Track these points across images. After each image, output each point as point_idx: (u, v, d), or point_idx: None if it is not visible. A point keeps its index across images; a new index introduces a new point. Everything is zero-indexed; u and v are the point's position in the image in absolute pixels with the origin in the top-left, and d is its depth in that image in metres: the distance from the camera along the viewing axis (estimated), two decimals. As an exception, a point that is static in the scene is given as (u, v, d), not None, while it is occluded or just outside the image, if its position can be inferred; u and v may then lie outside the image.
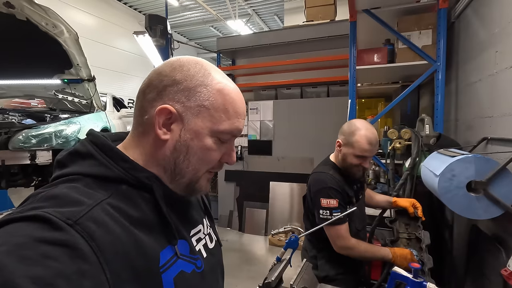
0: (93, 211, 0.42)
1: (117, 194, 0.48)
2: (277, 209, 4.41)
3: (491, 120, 1.47)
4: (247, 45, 4.65)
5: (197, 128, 0.52)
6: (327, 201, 1.36)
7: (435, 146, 1.78)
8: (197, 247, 0.60)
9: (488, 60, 1.51)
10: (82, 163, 0.49)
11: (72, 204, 0.41)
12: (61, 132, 2.60)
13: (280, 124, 4.44)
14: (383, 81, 3.13)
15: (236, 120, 0.55)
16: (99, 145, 0.51)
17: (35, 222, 0.38)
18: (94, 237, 0.40)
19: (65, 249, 0.36)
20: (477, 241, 1.45)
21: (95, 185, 0.47)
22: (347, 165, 1.42)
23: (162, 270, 0.48)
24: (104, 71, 9.20)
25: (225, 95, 0.54)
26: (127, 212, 0.47)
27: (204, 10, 9.85)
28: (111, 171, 0.49)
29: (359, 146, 1.34)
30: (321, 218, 1.40)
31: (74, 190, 0.44)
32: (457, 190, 1.22)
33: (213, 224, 0.74)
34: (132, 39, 11.32)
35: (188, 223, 0.61)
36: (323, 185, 1.39)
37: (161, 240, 0.50)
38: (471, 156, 1.21)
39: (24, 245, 0.35)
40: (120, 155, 0.51)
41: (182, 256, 0.54)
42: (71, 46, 2.98)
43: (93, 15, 9.32)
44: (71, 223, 0.39)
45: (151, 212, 0.51)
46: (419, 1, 2.36)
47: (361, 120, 1.45)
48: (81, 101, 3.61)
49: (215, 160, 0.56)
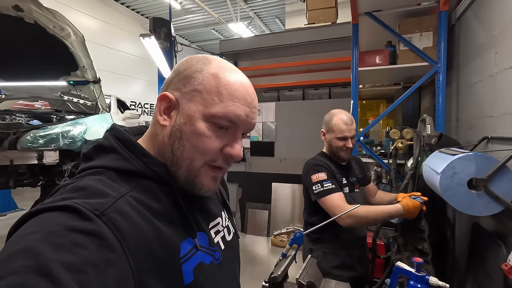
0: (118, 203, 0.44)
1: (139, 188, 0.50)
2: (279, 210, 4.44)
3: (491, 120, 1.50)
4: (250, 47, 4.70)
5: (190, 111, 0.52)
6: (316, 176, 1.46)
7: (436, 145, 1.81)
8: (215, 239, 0.61)
9: (488, 61, 1.55)
10: (106, 156, 0.52)
11: (99, 196, 0.43)
12: (68, 133, 2.65)
13: (282, 125, 4.47)
14: (384, 83, 3.17)
15: (231, 103, 0.52)
16: (122, 139, 0.53)
17: (66, 211, 0.39)
18: (119, 227, 0.41)
19: (93, 238, 0.38)
20: (478, 238, 1.47)
21: (118, 178, 0.49)
22: (334, 150, 1.54)
23: (182, 261, 0.49)
24: (107, 74, 9.28)
25: (220, 78, 0.53)
26: (149, 205, 0.49)
27: (206, 13, 9.93)
28: (132, 165, 0.51)
29: (338, 128, 1.49)
30: (315, 193, 1.45)
31: (99, 183, 0.46)
32: (458, 187, 1.25)
33: (231, 216, 0.74)
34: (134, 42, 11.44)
35: (207, 216, 0.62)
36: (310, 165, 1.52)
37: (181, 232, 0.52)
38: (471, 154, 1.24)
39: (57, 233, 0.37)
40: (140, 150, 0.53)
41: (202, 248, 0.55)
42: (78, 48, 3.03)
43: (97, 19, 9.43)
44: (98, 214, 0.40)
45: (171, 205, 0.52)
46: (420, 4, 2.41)
47: (337, 109, 1.59)
48: (86, 102, 3.66)
49: (211, 149, 0.52)
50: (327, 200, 1.41)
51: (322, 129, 1.60)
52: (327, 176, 1.46)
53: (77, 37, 2.93)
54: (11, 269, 0.32)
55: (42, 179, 2.76)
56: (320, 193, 1.43)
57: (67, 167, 2.59)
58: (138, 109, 11.60)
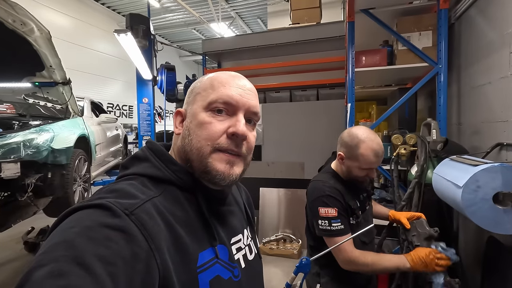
0: (145, 205, 0.48)
1: (166, 194, 0.53)
2: (267, 215, 4.26)
3: (506, 125, 1.39)
4: (233, 47, 4.52)
5: (193, 111, 0.58)
6: (325, 210, 1.26)
7: (442, 152, 1.69)
8: (236, 256, 0.61)
9: (499, 61, 1.44)
10: (139, 165, 0.57)
11: (129, 197, 0.47)
12: (31, 142, 2.32)
13: (270, 128, 4.32)
14: (377, 84, 3.07)
15: (222, 88, 0.57)
16: (154, 150, 0.59)
17: (100, 209, 0.43)
18: (146, 227, 0.44)
19: (122, 234, 0.41)
20: (497, 255, 1.35)
21: (149, 184, 0.54)
22: (352, 177, 1.31)
23: (199, 271, 0.50)
24: (81, 74, 8.76)
25: (213, 78, 0.60)
26: (173, 211, 0.52)
27: (187, 12, 9.62)
28: (162, 173, 0.56)
29: (365, 160, 1.23)
30: (320, 229, 1.27)
31: (131, 186, 0.51)
32: (483, 202, 1.12)
33: (255, 236, 0.74)
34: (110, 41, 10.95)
35: (229, 231, 0.63)
36: (321, 193, 1.28)
37: (202, 241, 0.54)
38: (497, 165, 1.11)
39: (92, 228, 0.40)
40: (169, 159, 0.58)
41: (220, 261, 0.55)
42: (43, 46, 2.71)
43: (69, 16, 8.87)
44: (128, 213, 0.44)
45: (194, 213, 0.55)
46: (411, 2, 2.31)
47: (361, 128, 1.31)
48: (55, 106, 3.31)
49: (214, 131, 0.55)
50: (333, 242, 1.24)
51: (340, 151, 1.32)
52: (338, 213, 1.25)
53: (42, 33, 2.60)
54: (52, 258, 0.36)
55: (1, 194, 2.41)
56: (326, 232, 1.26)
57: (30, 181, 2.25)
58: (116, 111, 11.07)
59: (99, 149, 3.97)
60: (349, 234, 1.25)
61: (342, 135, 1.34)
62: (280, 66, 4.31)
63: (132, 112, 11.93)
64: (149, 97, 4.01)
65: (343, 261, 1.24)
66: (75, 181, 2.87)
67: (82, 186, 3.11)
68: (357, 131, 1.28)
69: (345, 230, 1.24)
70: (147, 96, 3.99)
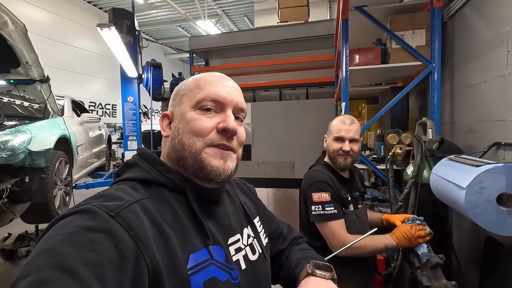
0: (132, 206, 0.48)
1: (155, 195, 0.53)
2: (257, 216, 4.21)
3: (503, 124, 1.38)
4: (222, 44, 4.41)
5: (180, 111, 0.59)
6: (319, 195, 1.30)
7: (438, 151, 1.67)
8: (235, 257, 0.59)
9: (496, 60, 1.43)
10: (130, 170, 0.58)
11: (115, 200, 0.48)
12: (6, 144, 2.15)
13: (259, 127, 4.25)
14: (371, 83, 3.06)
15: (209, 87, 0.58)
16: (143, 155, 0.59)
17: (84, 213, 0.43)
18: (132, 227, 0.44)
19: (108, 236, 0.41)
20: (495, 255, 1.34)
21: (139, 186, 0.54)
22: (331, 155, 1.39)
23: (190, 272, 0.49)
24: (60, 71, 8.40)
25: (198, 79, 0.61)
26: (162, 212, 0.51)
27: (172, 9, 9.40)
28: (150, 174, 0.56)
29: (335, 128, 1.36)
30: (314, 215, 1.29)
31: (119, 190, 0.51)
32: (487, 204, 1.09)
33: (258, 234, 0.71)
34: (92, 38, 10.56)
35: (225, 231, 0.61)
36: (313, 179, 1.34)
37: (194, 242, 0.52)
38: (501, 166, 1.08)
39: (75, 233, 0.40)
40: (156, 161, 0.58)
41: (216, 262, 0.53)
42: (18, 41, 2.53)
43: (47, 10, 8.49)
44: (113, 214, 0.44)
45: (184, 214, 0.54)
46: (402, 0, 2.30)
47: None
48: (33, 105, 3.11)
49: (204, 127, 0.56)
50: (327, 227, 1.27)
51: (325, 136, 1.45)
52: (331, 197, 1.28)
53: (17, 27, 2.43)
54: (35, 267, 0.36)
55: (-27, 201, 2.23)
56: (319, 217, 1.28)
57: (6, 186, 2.08)
58: (98, 110, 10.71)
59: (81, 150, 3.79)
60: (342, 219, 1.29)
61: None
62: (269, 64, 4.26)
63: (116, 111, 11.59)
64: (134, 95, 3.85)
65: (336, 246, 1.24)
66: (55, 185, 2.70)
67: (63, 190, 2.94)
68: None
69: (338, 214, 1.27)
70: (132, 94, 3.83)
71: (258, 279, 0.63)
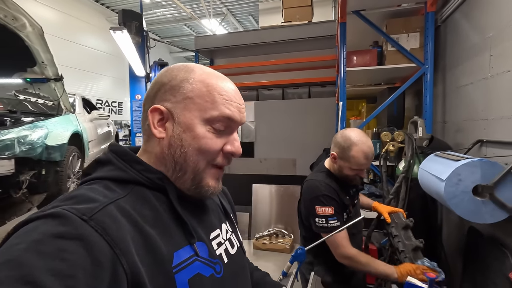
0: (107, 208, 0.44)
1: (133, 194, 0.50)
2: (260, 211, 4.32)
3: (486, 123, 1.49)
4: (226, 44, 4.53)
5: (187, 119, 0.53)
6: (322, 209, 1.34)
7: (428, 148, 1.79)
8: (217, 251, 0.59)
9: (481, 63, 1.54)
10: (102, 169, 0.53)
11: (88, 202, 0.43)
12: (25, 138, 2.31)
13: (262, 125, 4.37)
14: (367, 83, 3.16)
15: (224, 106, 0.55)
16: (117, 152, 0.55)
17: (52, 218, 0.39)
18: (108, 231, 0.41)
19: (80, 242, 0.38)
20: (475, 244, 1.46)
21: (113, 186, 0.50)
22: (343, 176, 1.41)
23: (175, 271, 0.48)
24: (68, 70, 8.59)
25: (209, 83, 0.55)
26: (141, 211, 0.48)
27: (178, 8, 9.53)
28: (126, 173, 0.52)
29: (356, 162, 1.32)
30: (317, 226, 1.37)
31: (91, 191, 0.47)
32: (464, 194, 1.21)
33: (235, 229, 0.73)
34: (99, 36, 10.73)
35: (206, 226, 0.60)
36: (318, 192, 1.37)
37: (177, 240, 0.51)
38: (477, 160, 1.20)
39: (41, 241, 0.36)
40: (134, 158, 0.54)
41: (200, 258, 0.53)
42: (35, 41, 2.69)
43: (56, 9, 8.68)
44: (86, 218, 0.40)
45: (166, 212, 0.52)
46: (400, 5, 2.40)
47: (354, 130, 1.40)
48: (47, 102, 3.28)
49: (213, 148, 0.54)
50: (333, 239, 1.32)
51: (333, 151, 1.41)
52: (334, 211, 1.34)
53: (34, 28, 2.58)
54: None
55: (-6, 191, 2.39)
56: (323, 229, 1.35)
57: (24, 178, 2.25)
58: (105, 108, 10.91)
59: (91, 146, 3.95)
60: (345, 231, 1.34)
61: (336, 136, 1.42)
62: (273, 64, 4.36)
63: (122, 109, 11.78)
64: (142, 94, 4.01)
65: (340, 255, 1.34)
66: (68, 178, 2.87)
67: (75, 183, 3.10)
68: (350, 134, 1.36)
69: (340, 226, 1.32)
70: (140, 93, 3.99)
71: (238, 272, 0.64)
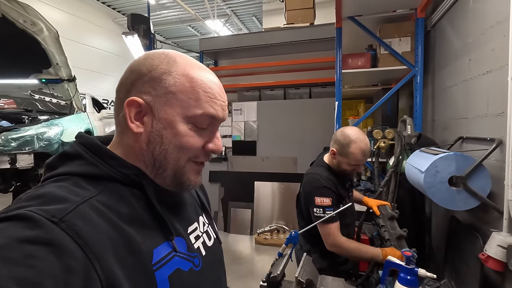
0: (80, 208, 0.41)
1: (106, 192, 0.47)
2: (261, 208, 4.48)
3: (466, 121, 1.63)
4: (230, 46, 4.67)
5: (168, 116, 0.51)
6: (321, 200, 1.44)
7: (416, 145, 1.93)
8: (195, 245, 0.59)
9: (462, 67, 1.68)
10: (71, 163, 0.49)
11: (58, 202, 0.40)
12: (43, 135, 2.49)
13: (264, 124, 4.50)
14: (365, 84, 3.30)
15: (208, 104, 0.52)
16: (87, 145, 0.51)
17: (18, 221, 0.37)
18: (81, 234, 0.39)
19: (49, 247, 0.36)
20: (455, 231, 1.60)
21: (84, 183, 0.46)
22: (341, 170, 1.51)
23: (155, 268, 0.47)
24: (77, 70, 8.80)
25: (192, 79, 0.52)
26: (117, 209, 0.46)
27: (182, 9, 9.71)
28: (99, 169, 0.48)
29: (354, 158, 1.42)
30: (315, 216, 1.47)
31: (61, 189, 0.43)
32: (440, 184, 1.36)
33: (212, 221, 0.72)
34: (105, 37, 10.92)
35: (184, 221, 0.60)
36: (318, 184, 1.47)
37: (156, 237, 0.50)
38: (452, 154, 1.34)
39: (6, 246, 0.34)
40: (107, 153, 0.51)
41: (179, 253, 0.52)
42: (51, 44, 2.86)
43: (63, 11, 8.89)
44: (56, 220, 0.38)
45: (143, 209, 0.50)
46: (395, 11, 2.54)
47: (353, 129, 1.50)
48: (60, 102, 3.46)
49: (195, 146, 0.53)
50: (325, 228, 1.44)
51: (333, 148, 1.50)
52: (331, 202, 1.44)
53: (51, 33, 2.76)
54: None
55: (14, 184, 2.58)
56: (319, 218, 1.44)
57: (43, 171, 2.44)
58: (111, 107, 11.14)
59: (100, 144, 4.14)
60: (338, 222, 1.46)
61: (336, 134, 1.53)
62: (275, 65, 4.48)
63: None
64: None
65: (330, 244, 1.45)
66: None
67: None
68: (349, 132, 1.46)
69: (336, 218, 1.45)
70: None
71: (215, 263, 0.65)
